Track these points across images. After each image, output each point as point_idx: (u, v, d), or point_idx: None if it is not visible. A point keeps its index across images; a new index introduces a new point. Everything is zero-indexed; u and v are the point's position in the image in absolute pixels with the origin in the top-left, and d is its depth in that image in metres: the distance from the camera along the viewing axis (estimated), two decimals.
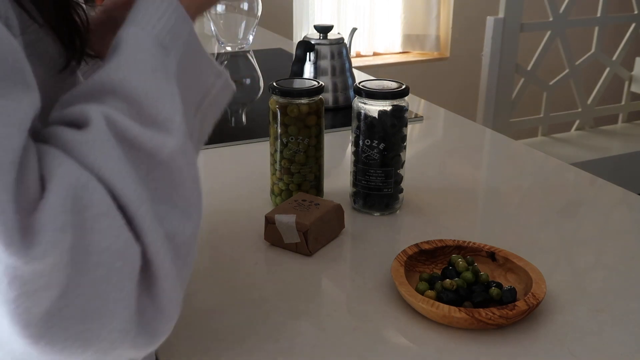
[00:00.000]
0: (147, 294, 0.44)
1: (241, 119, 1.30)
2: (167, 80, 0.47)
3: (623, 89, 3.08)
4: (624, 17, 2.95)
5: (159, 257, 0.43)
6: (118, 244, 0.41)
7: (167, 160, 0.45)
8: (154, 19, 0.49)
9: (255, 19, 1.78)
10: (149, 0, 0.50)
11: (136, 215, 0.42)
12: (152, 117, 0.45)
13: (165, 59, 0.48)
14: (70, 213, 0.39)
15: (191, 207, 0.47)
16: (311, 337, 0.67)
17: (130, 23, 0.49)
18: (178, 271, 0.45)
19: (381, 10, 3.46)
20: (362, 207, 0.94)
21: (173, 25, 0.49)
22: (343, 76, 1.41)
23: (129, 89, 0.45)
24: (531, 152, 1.23)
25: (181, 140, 0.46)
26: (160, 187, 0.45)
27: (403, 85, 0.91)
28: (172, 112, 0.46)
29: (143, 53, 0.47)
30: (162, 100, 0.46)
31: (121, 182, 0.42)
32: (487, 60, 2.58)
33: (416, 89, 1.35)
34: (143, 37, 0.48)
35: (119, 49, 0.47)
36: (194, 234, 0.48)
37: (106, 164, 0.42)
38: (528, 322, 0.69)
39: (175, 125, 0.46)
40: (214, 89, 0.54)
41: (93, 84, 0.46)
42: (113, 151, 0.42)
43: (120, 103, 0.45)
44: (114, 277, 0.41)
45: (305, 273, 0.79)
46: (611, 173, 2.60)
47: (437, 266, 0.79)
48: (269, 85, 0.93)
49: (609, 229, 0.93)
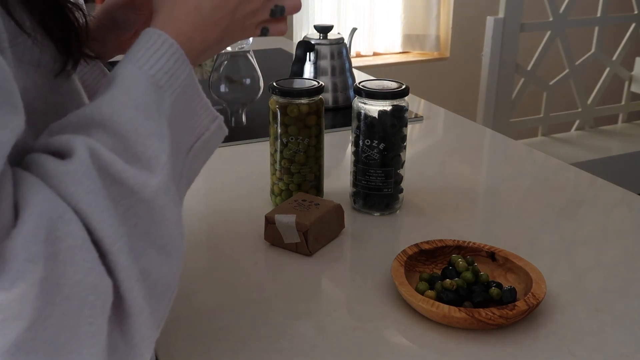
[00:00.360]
0: (119, 331, 0.43)
1: (241, 119, 1.30)
2: (158, 120, 0.47)
3: (623, 89, 3.08)
4: (624, 17, 2.95)
5: (132, 293, 0.43)
6: (91, 278, 0.40)
7: (148, 199, 0.45)
8: (152, 59, 0.49)
9: None
10: (150, 40, 0.49)
11: (111, 250, 0.42)
12: (138, 155, 0.45)
13: (160, 99, 0.48)
14: (43, 243, 0.38)
15: (170, 247, 0.46)
16: (311, 337, 0.67)
17: (128, 60, 0.49)
18: (152, 309, 0.45)
19: (381, 10, 3.46)
20: (362, 207, 0.94)
21: (171, 67, 0.49)
22: (343, 76, 1.41)
23: (119, 124, 0.45)
24: (531, 152, 1.23)
25: (164, 179, 0.46)
26: (139, 224, 0.44)
27: (403, 85, 0.91)
28: (159, 151, 0.46)
29: (137, 91, 0.47)
30: (150, 139, 0.46)
31: (98, 215, 0.41)
32: (487, 60, 2.58)
33: (416, 89, 1.35)
34: (139, 75, 0.48)
35: (113, 83, 0.47)
36: (173, 273, 0.47)
37: (85, 196, 0.41)
38: (528, 322, 0.69)
39: (160, 164, 0.46)
40: (208, 132, 0.54)
41: (83, 115, 0.45)
42: (93, 185, 0.42)
43: (107, 137, 0.44)
44: (85, 310, 0.40)
45: (305, 273, 0.79)
46: (611, 173, 2.60)
47: (437, 266, 0.79)
48: (269, 85, 0.93)
49: (609, 229, 0.93)
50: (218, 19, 0.54)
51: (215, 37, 0.55)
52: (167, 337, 0.67)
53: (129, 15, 0.66)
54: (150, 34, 0.50)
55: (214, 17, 0.54)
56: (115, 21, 0.66)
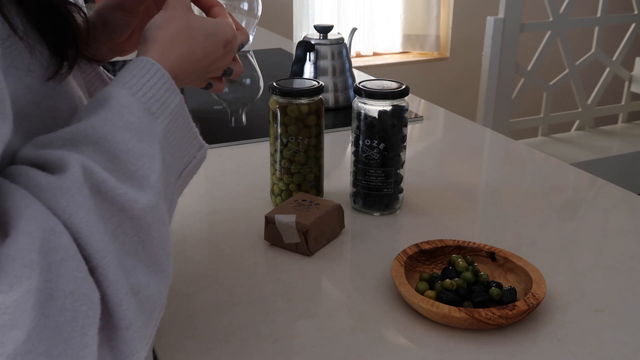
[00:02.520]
0: (108, 346, 0.43)
1: (241, 119, 1.30)
2: (150, 143, 0.49)
3: (623, 89, 3.08)
4: (624, 17, 2.95)
5: (121, 307, 0.43)
6: (83, 289, 0.40)
7: (137, 216, 0.45)
8: (145, 88, 0.51)
9: (255, 19, 1.78)
10: (144, 68, 0.52)
11: (100, 265, 0.42)
12: (129, 173, 0.46)
13: (152, 125, 0.50)
14: (38, 254, 0.39)
15: (158, 265, 0.47)
16: (311, 337, 0.67)
17: (121, 85, 0.50)
18: (141, 324, 0.45)
19: (381, 10, 3.46)
20: (362, 207, 0.94)
21: (162, 95, 0.52)
22: (343, 76, 1.41)
23: (112, 143, 0.46)
24: (531, 152, 1.23)
25: (154, 199, 0.47)
26: (128, 242, 0.45)
27: (403, 85, 0.91)
28: (150, 171, 0.47)
29: (130, 116, 0.48)
30: (142, 159, 0.47)
31: (88, 231, 0.42)
32: (487, 60, 2.58)
33: (416, 89, 1.35)
34: (133, 102, 0.49)
35: (108, 104, 0.48)
36: (161, 292, 0.47)
37: (76, 212, 0.42)
38: (528, 322, 0.69)
39: (150, 183, 0.47)
40: (195, 160, 0.57)
41: (77, 132, 0.46)
42: (85, 201, 0.42)
43: (99, 155, 0.45)
44: (79, 321, 0.40)
45: (305, 273, 0.79)
46: (611, 173, 2.60)
47: (437, 266, 0.79)
48: (269, 85, 0.93)
49: (609, 229, 0.93)
50: (200, 66, 0.59)
51: (191, 79, 0.60)
52: (167, 337, 0.67)
53: (120, 18, 0.66)
54: (144, 62, 0.52)
55: (199, 64, 0.59)
56: (106, 24, 0.67)
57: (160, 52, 0.55)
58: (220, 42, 0.61)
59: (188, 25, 0.58)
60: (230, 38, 0.62)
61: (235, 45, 0.63)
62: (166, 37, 0.56)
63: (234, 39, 0.63)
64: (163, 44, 0.56)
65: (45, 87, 0.48)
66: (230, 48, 0.62)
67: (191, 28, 0.59)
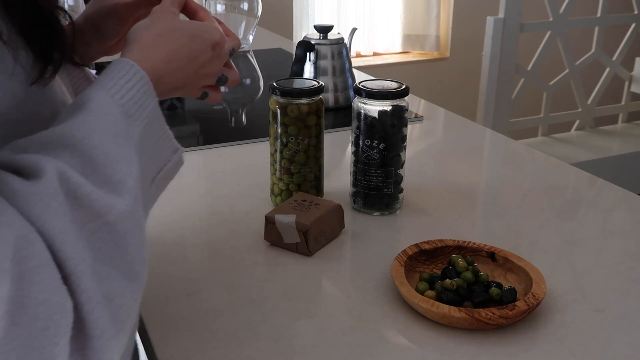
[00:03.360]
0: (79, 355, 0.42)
1: (241, 119, 1.30)
2: (128, 147, 0.48)
3: (623, 89, 3.08)
4: (624, 17, 2.95)
5: (93, 315, 0.42)
6: (56, 297, 0.40)
7: (114, 222, 0.45)
8: (123, 90, 0.50)
9: (255, 19, 1.78)
10: (123, 70, 0.51)
11: (74, 272, 0.41)
12: (106, 178, 0.45)
13: (129, 128, 0.49)
14: (10, 262, 0.38)
15: (134, 272, 0.46)
16: (311, 337, 0.67)
17: (100, 87, 0.49)
18: (115, 333, 0.44)
19: (381, 10, 3.46)
20: (362, 207, 0.94)
21: (140, 98, 0.51)
22: (343, 76, 1.41)
23: (89, 147, 0.45)
24: (531, 152, 1.23)
25: (131, 203, 0.46)
26: (104, 248, 0.44)
27: (403, 85, 0.91)
28: (127, 176, 0.47)
29: (108, 118, 0.48)
30: (119, 163, 0.47)
31: (62, 238, 0.41)
32: (487, 60, 2.58)
33: (416, 89, 1.35)
34: (111, 104, 0.49)
35: (85, 108, 0.47)
36: (135, 299, 0.47)
37: (50, 218, 0.41)
38: (528, 322, 0.69)
39: (127, 188, 0.46)
40: (169, 164, 0.56)
41: (53, 136, 0.45)
42: (60, 207, 0.42)
43: (76, 159, 0.45)
44: (51, 330, 0.39)
45: (305, 273, 0.79)
46: (611, 173, 2.60)
47: (437, 266, 0.79)
48: (269, 85, 0.93)
49: (609, 229, 0.93)
50: (186, 70, 0.59)
51: (176, 85, 0.59)
52: (167, 337, 0.67)
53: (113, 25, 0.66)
54: (123, 64, 0.52)
55: (186, 66, 0.58)
56: (98, 29, 0.66)
57: (142, 52, 0.55)
58: (207, 44, 0.60)
59: (173, 27, 0.58)
60: (218, 40, 0.61)
61: (224, 49, 0.63)
62: (149, 38, 0.56)
63: (222, 41, 0.62)
64: (145, 44, 0.55)
65: (28, 92, 0.48)
66: (219, 52, 0.62)
67: (176, 30, 0.58)
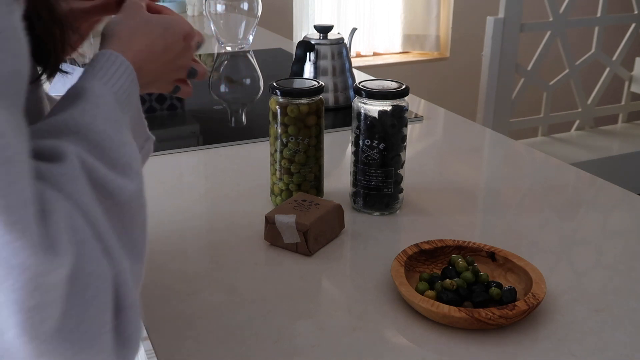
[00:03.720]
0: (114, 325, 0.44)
1: (241, 119, 1.30)
2: (127, 132, 0.51)
3: (623, 89, 3.08)
4: (624, 17, 2.95)
5: (127, 286, 0.44)
6: (100, 268, 0.42)
7: (123, 202, 0.47)
8: (113, 78, 0.52)
9: (255, 19, 1.78)
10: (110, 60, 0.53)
11: (108, 245, 0.44)
12: (114, 161, 0.47)
13: (122, 115, 0.52)
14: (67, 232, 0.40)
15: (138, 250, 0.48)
16: (311, 337, 0.67)
17: (92, 77, 0.51)
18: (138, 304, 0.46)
19: (381, 10, 3.46)
20: (362, 207, 0.94)
21: (129, 86, 0.54)
22: (343, 76, 1.41)
23: (95, 132, 0.47)
24: (531, 152, 1.23)
25: (139, 185, 0.49)
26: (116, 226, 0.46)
27: (403, 85, 0.91)
28: (132, 159, 0.49)
29: (106, 105, 0.50)
30: (124, 147, 0.49)
31: (95, 214, 0.43)
32: (487, 60, 2.58)
33: (416, 89, 1.35)
34: (106, 91, 0.51)
35: (83, 96, 0.49)
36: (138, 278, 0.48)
37: (81, 196, 0.43)
38: (528, 322, 0.69)
39: (133, 170, 0.49)
40: (143, 151, 0.58)
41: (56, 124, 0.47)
42: (86, 186, 0.44)
43: (85, 144, 0.46)
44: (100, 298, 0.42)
45: (305, 273, 0.79)
46: (611, 173, 2.60)
47: (437, 266, 0.79)
48: (269, 85, 0.93)
49: (609, 229, 0.93)
50: (164, 60, 0.61)
51: (153, 76, 0.61)
52: (167, 337, 0.67)
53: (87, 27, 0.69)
54: (108, 55, 0.54)
55: (162, 57, 0.61)
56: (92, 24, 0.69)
57: (121, 44, 0.57)
58: (180, 35, 0.63)
59: (146, 20, 0.60)
60: (188, 31, 0.64)
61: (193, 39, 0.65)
62: (125, 31, 0.58)
63: (192, 32, 0.64)
64: (123, 37, 0.58)
65: None
66: (189, 43, 0.64)
67: (149, 22, 0.60)
